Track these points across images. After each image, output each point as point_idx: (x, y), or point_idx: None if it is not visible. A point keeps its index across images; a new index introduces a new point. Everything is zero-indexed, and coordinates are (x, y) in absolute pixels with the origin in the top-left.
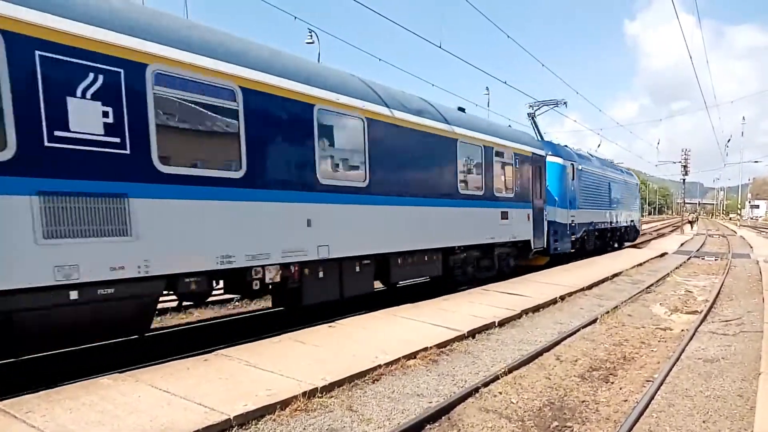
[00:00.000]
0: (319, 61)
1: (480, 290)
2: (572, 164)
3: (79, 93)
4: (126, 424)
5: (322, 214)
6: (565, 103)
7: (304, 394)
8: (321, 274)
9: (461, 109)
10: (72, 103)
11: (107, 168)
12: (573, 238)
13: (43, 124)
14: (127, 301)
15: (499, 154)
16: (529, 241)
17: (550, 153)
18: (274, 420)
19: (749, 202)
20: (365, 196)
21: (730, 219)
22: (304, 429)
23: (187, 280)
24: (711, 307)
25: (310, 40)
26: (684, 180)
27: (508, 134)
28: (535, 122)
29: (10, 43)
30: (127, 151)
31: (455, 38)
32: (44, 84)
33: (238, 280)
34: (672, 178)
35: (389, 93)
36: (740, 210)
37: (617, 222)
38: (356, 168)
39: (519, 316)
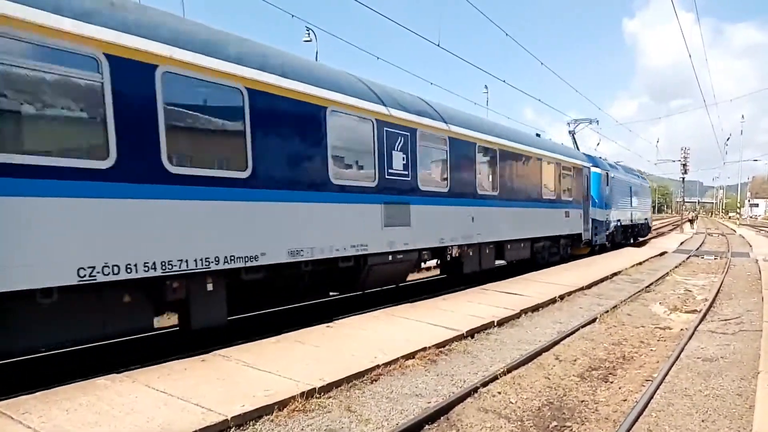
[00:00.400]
0: (317, 59)
1: (479, 290)
2: (606, 173)
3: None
4: (123, 425)
5: (478, 213)
6: (597, 121)
7: (302, 394)
8: (471, 253)
9: (538, 135)
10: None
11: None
12: (607, 232)
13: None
14: (408, 261)
15: (565, 168)
16: (580, 234)
17: (591, 164)
18: (272, 421)
19: (748, 200)
20: (495, 200)
21: (730, 218)
22: (302, 430)
23: (425, 253)
24: (710, 306)
25: (308, 39)
26: (683, 178)
27: (567, 152)
28: (574, 138)
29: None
30: (409, 178)
31: (454, 37)
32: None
33: (440, 253)
34: (671, 177)
35: (511, 133)
36: (739, 209)
37: (636, 220)
38: (491, 184)
39: (518, 315)
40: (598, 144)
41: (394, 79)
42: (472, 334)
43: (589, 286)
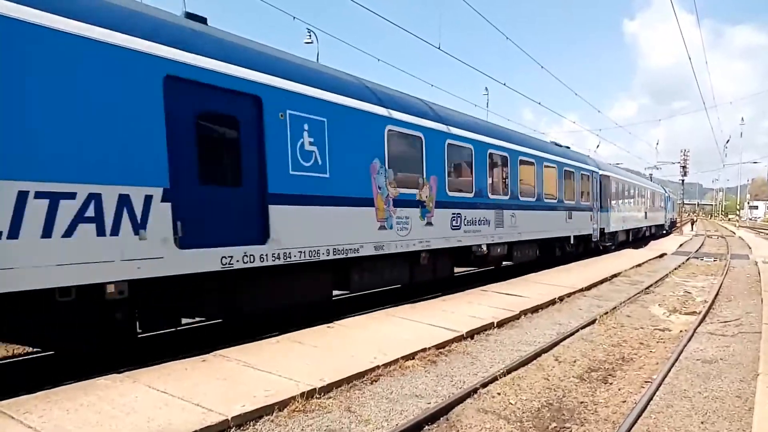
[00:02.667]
0: (318, 60)
1: (479, 291)
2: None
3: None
4: (124, 425)
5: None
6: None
7: (302, 394)
8: (516, 248)
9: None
10: None
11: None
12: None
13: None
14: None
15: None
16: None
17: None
18: (272, 421)
19: (748, 202)
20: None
21: (729, 220)
22: (303, 430)
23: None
24: (710, 308)
25: (309, 40)
26: (683, 181)
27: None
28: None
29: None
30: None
31: (454, 39)
32: None
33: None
34: (671, 179)
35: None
36: (739, 211)
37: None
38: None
39: (518, 316)
40: (597, 146)
41: (394, 81)
42: (471, 335)
43: (589, 288)
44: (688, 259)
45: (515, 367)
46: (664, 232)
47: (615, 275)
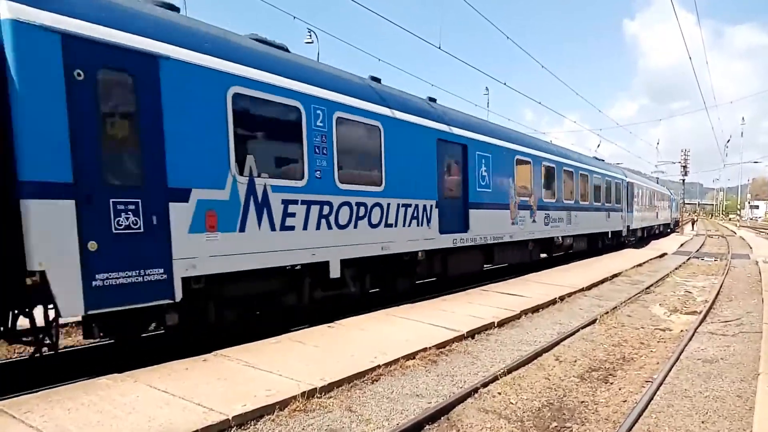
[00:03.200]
0: (318, 59)
1: (479, 290)
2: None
3: None
4: (125, 425)
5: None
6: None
7: (303, 394)
8: (576, 240)
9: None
10: None
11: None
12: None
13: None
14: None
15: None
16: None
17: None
18: (273, 420)
19: (749, 202)
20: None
21: (730, 219)
22: (303, 429)
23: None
24: (710, 307)
25: (309, 40)
26: (683, 180)
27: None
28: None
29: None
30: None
31: (454, 39)
32: None
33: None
34: (672, 179)
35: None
36: (740, 210)
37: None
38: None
39: (518, 316)
40: (598, 146)
41: (395, 81)
42: (472, 334)
43: (589, 288)
44: (688, 259)
45: (516, 366)
46: (669, 230)
47: (616, 275)
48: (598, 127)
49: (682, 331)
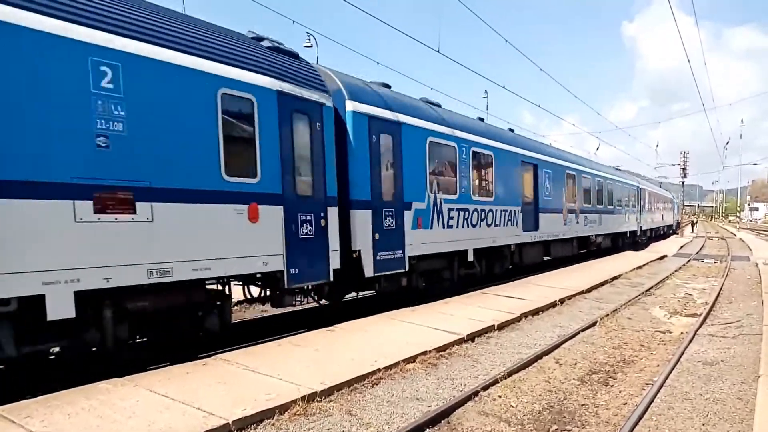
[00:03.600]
0: (317, 62)
1: (479, 293)
2: (645, 188)
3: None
4: (125, 429)
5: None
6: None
7: (303, 398)
8: (603, 239)
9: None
10: None
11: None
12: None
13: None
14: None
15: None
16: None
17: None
18: (273, 424)
19: (748, 204)
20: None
21: (729, 221)
22: None
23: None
24: (710, 309)
25: (309, 44)
26: (683, 182)
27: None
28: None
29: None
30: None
31: (453, 42)
32: None
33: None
34: (671, 181)
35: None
36: (739, 212)
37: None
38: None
39: (518, 319)
40: (597, 148)
41: (393, 83)
42: (472, 337)
43: (590, 290)
44: (688, 261)
45: (516, 369)
46: (671, 232)
47: (615, 277)
48: (598, 129)
49: (682, 333)
